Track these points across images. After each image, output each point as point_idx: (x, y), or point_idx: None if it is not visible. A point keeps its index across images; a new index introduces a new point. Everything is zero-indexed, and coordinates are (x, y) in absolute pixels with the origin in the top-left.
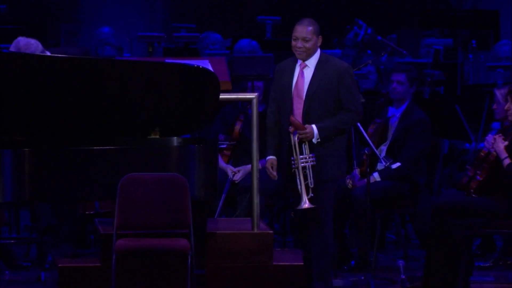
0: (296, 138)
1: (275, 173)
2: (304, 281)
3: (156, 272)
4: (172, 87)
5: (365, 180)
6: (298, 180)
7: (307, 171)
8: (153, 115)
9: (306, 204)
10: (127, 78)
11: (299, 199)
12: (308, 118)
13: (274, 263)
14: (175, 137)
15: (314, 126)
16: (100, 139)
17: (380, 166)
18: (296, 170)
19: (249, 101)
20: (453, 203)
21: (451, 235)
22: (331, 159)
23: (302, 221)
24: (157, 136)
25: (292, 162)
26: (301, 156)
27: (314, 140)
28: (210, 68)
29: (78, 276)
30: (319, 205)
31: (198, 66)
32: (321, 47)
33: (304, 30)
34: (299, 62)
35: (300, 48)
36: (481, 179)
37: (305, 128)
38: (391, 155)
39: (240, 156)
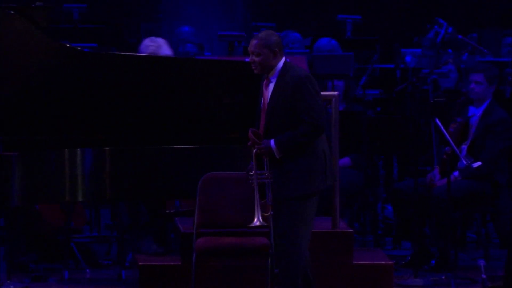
0: (254, 153)
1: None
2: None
3: (236, 271)
4: (252, 86)
5: (446, 179)
6: (255, 196)
7: (266, 188)
8: (233, 113)
9: (258, 222)
10: (207, 77)
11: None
12: (268, 133)
13: (354, 262)
14: None
15: (272, 140)
16: (180, 137)
17: (460, 165)
18: (254, 186)
19: (329, 100)
20: None
21: None
22: (295, 175)
23: None
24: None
25: (250, 177)
26: (259, 172)
27: (276, 155)
28: None
29: (159, 274)
30: (286, 224)
31: None
32: (402, 46)
33: (251, 44)
34: (266, 76)
35: (252, 62)
36: None
37: (260, 144)
38: (472, 154)
39: None
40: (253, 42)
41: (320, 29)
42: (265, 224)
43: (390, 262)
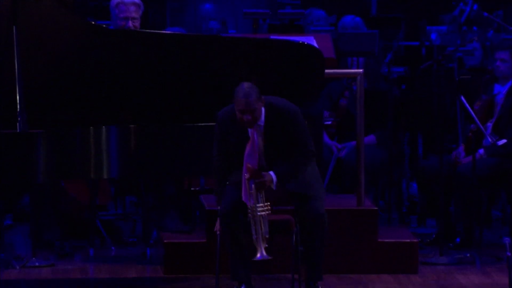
0: (253, 186)
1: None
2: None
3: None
4: (277, 64)
5: (471, 157)
6: (253, 230)
7: (263, 220)
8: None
9: (263, 256)
10: (232, 54)
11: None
12: (269, 169)
13: (379, 240)
14: None
15: (271, 172)
16: (205, 115)
17: (486, 143)
18: (252, 219)
19: (354, 77)
20: None
21: None
22: (309, 183)
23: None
24: None
25: (249, 211)
26: (259, 205)
27: (273, 187)
28: (316, 44)
29: (184, 252)
30: (316, 205)
31: (303, 43)
32: (428, 23)
33: (249, 103)
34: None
35: (250, 121)
36: None
37: (263, 176)
38: (497, 132)
39: (345, 133)
40: (250, 100)
41: (345, 7)
42: (269, 258)
43: (415, 240)
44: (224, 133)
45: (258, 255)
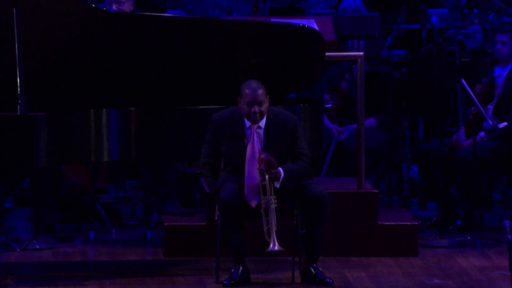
0: (267, 177)
1: None
2: None
3: (262, 231)
4: (278, 47)
5: (471, 139)
6: (264, 222)
7: (273, 212)
8: (259, 74)
9: (276, 246)
10: (233, 38)
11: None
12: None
13: (379, 223)
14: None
15: (280, 168)
16: (206, 98)
17: (486, 126)
18: (264, 211)
19: (355, 60)
20: None
21: None
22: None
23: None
24: None
25: (264, 201)
26: (272, 197)
27: (278, 184)
28: (316, 27)
29: (184, 234)
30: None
31: (303, 26)
32: (428, 6)
33: (258, 94)
34: (248, 123)
35: (256, 113)
36: None
37: (277, 166)
38: (498, 115)
39: (346, 116)
40: (259, 91)
41: None
42: (282, 249)
43: (416, 223)
44: (218, 136)
45: (271, 246)
